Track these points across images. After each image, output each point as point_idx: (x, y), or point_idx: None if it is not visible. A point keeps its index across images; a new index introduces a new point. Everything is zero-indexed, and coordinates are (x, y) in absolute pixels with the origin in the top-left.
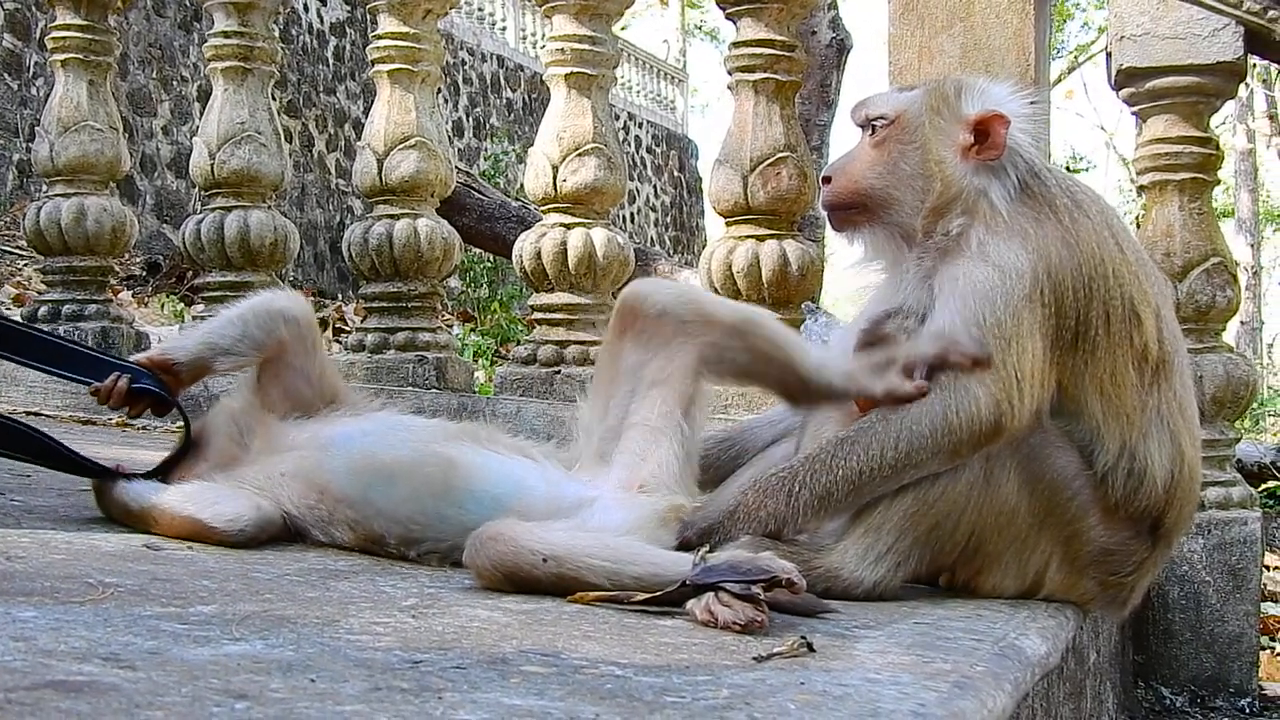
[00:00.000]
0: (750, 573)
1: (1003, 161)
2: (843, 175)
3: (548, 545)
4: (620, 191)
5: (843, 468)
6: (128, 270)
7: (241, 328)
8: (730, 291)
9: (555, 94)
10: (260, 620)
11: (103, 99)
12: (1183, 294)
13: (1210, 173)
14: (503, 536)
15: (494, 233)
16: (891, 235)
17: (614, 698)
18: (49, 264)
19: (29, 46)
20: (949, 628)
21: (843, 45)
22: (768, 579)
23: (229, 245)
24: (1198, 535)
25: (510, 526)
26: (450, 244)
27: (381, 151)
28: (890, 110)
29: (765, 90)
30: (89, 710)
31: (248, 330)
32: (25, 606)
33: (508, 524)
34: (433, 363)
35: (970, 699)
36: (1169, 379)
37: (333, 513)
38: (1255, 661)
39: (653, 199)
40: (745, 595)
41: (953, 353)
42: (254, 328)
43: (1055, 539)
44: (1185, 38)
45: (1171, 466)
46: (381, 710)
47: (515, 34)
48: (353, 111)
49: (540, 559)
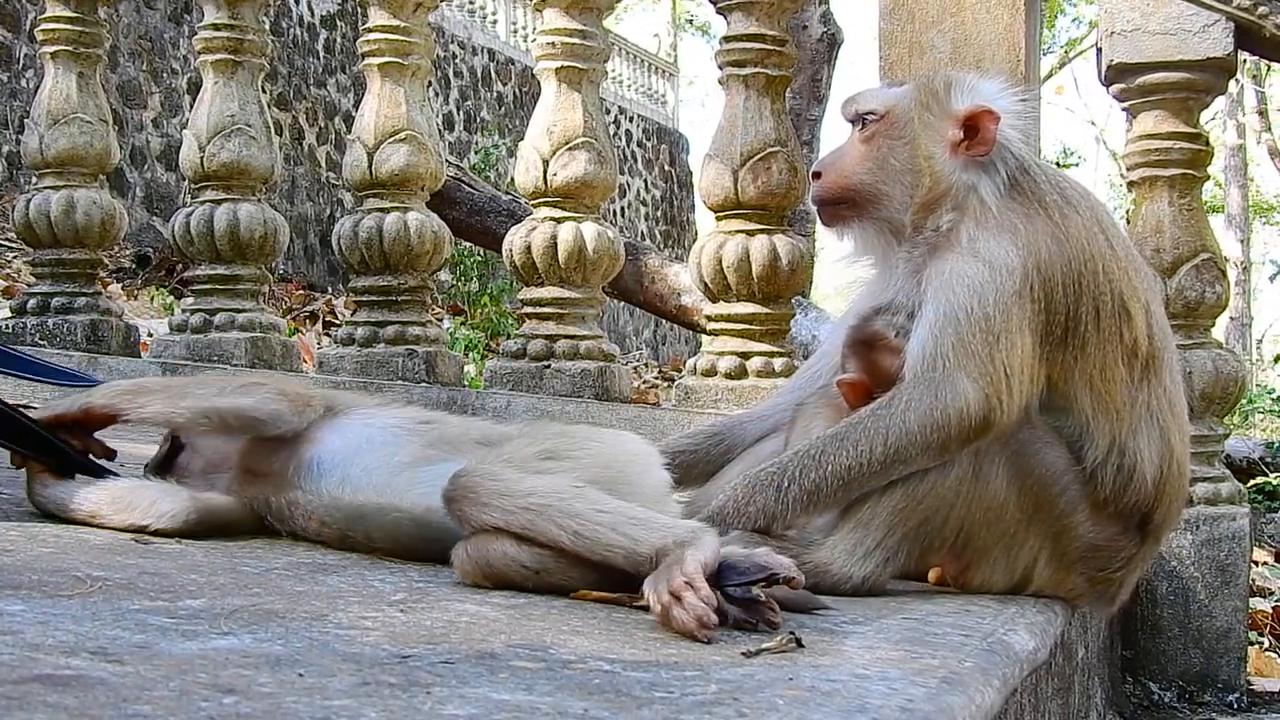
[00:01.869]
0: (748, 571)
1: (992, 157)
2: (832, 170)
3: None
4: (611, 186)
5: (832, 463)
6: (117, 263)
7: (212, 422)
8: (720, 286)
9: (546, 88)
10: (248, 614)
11: (92, 91)
12: (1172, 290)
13: (1200, 169)
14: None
15: (484, 227)
16: (881, 230)
17: (602, 693)
18: (38, 256)
19: (19, 38)
20: (937, 623)
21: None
22: (766, 576)
23: (218, 238)
24: (1186, 531)
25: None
26: (440, 237)
27: (371, 145)
28: (880, 106)
29: (755, 85)
30: (76, 704)
31: (214, 423)
32: (13, 600)
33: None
34: (422, 356)
35: (958, 694)
36: (1158, 374)
37: (318, 533)
38: (1243, 657)
39: (643, 193)
40: (745, 599)
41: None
42: (223, 424)
43: (1044, 534)
44: (1176, 33)
45: (1161, 462)
46: (370, 705)
47: (506, 27)
48: (343, 105)
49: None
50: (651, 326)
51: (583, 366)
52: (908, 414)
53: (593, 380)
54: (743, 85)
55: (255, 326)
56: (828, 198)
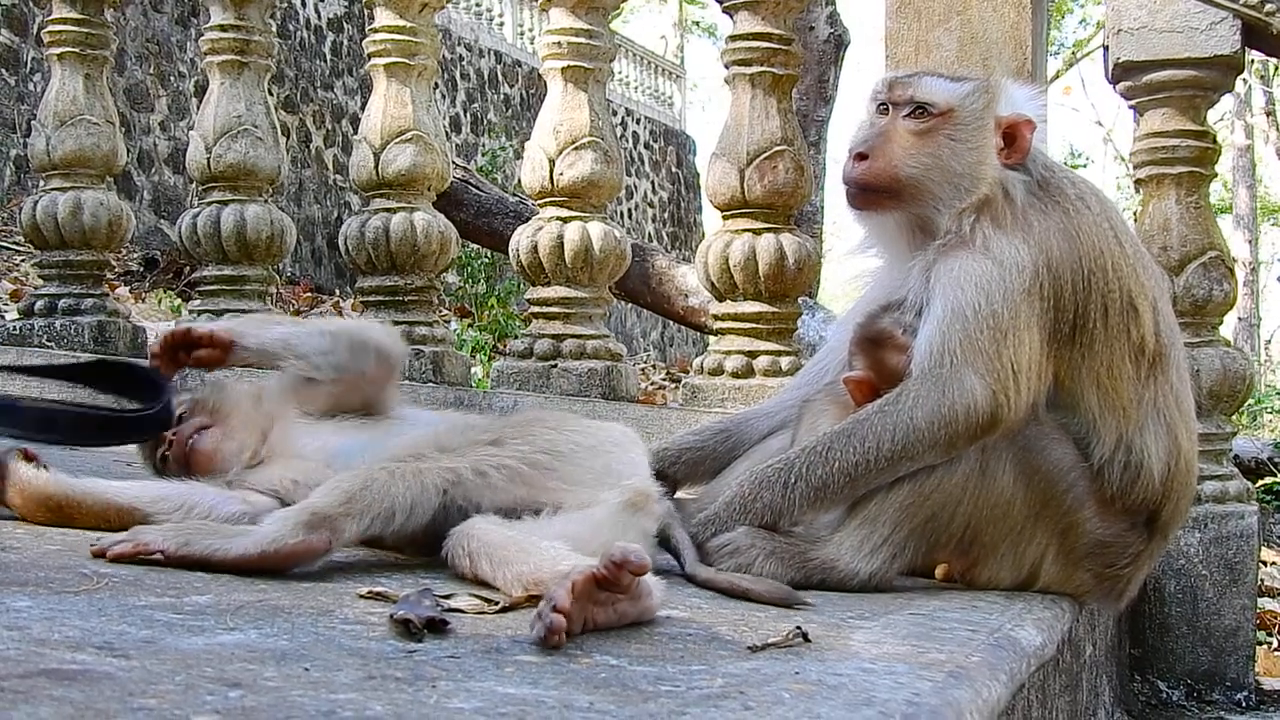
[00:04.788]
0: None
1: (1025, 163)
2: (881, 157)
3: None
4: (617, 185)
5: (839, 460)
6: (125, 266)
7: (330, 343)
8: (727, 285)
9: (552, 87)
10: (254, 610)
11: (99, 93)
12: (1180, 288)
13: (1207, 166)
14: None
15: (491, 228)
16: (912, 226)
17: (608, 687)
18: (45, 258)
19: (26, 42)
20: (944, 618)
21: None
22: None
23: (225, 239)
24: (1194, 529)
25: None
26: (447, 238)
27: (378, 145)
28: (942, 100)
29: (762, 84)
30: (82, 698)
31: (335, 350)
32: (19, 596)
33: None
34: (429, 357)
35: (965, 689)
36: (1166, 372)
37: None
38: (1252, 655)
39: (650, 195)
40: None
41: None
42: (343, 351)
43: (1051, 531)
44: (1183, 31)
45: (1168, 459)
46: (375, 698)
47: (513, 29)
48: (350, 107)
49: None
50: (659, 328)
51: (589, 366)
52: (915, 410)
53: (599, 379)
54: (749, 84)
55: None
56: (872, 184)
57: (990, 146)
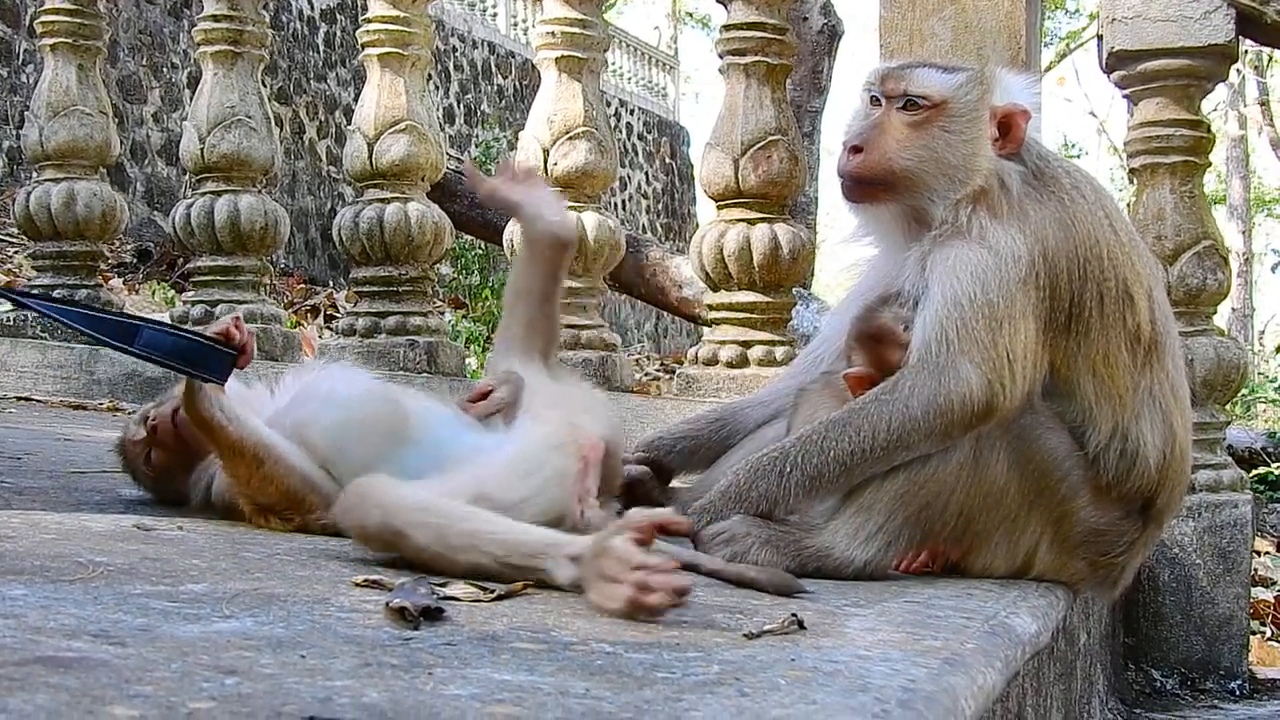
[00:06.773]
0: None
1: (1020, 153)
2: (875, 149)
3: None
4: (611, 175)
5: (835, 448)
6: (119, 257)
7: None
8: (721, 275)
9: (546, 77)
10: (250, 598)
11: (92, 83)
12: (1174, 277)
13: (1201, 156)
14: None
15: (485, 219)
16: (907, 218)
17: (604, 673)
18: (39, 249)
19: (18, 33)
20: (939, 606)
21: (834, 32)
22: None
23: (219, 229)
24: (1188, 518)
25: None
26: (441, 228)
27: (372, 135)
28: (935, 92)
29: (756, 74)
30: (78, 685)
31: None
32: (15, 584)
33: (377, 485)
34: (424, 347)
35: (961, 675)
36: (1161, 360)
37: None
38: (1245, 644)
39: (644, 186)
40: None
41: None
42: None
43: (1046, 519)
44: (1177, 20)
45: (1164, 447)
46: (371, 685)
47: (506, 20)
48: (344, 98)
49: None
50: (653, 320)
51: (584, 356)
52: (911, 399)
53: (594, 369)
54: (743, 74)
55: (257, 318)
56: (866, 176)
57: (985, 137)
